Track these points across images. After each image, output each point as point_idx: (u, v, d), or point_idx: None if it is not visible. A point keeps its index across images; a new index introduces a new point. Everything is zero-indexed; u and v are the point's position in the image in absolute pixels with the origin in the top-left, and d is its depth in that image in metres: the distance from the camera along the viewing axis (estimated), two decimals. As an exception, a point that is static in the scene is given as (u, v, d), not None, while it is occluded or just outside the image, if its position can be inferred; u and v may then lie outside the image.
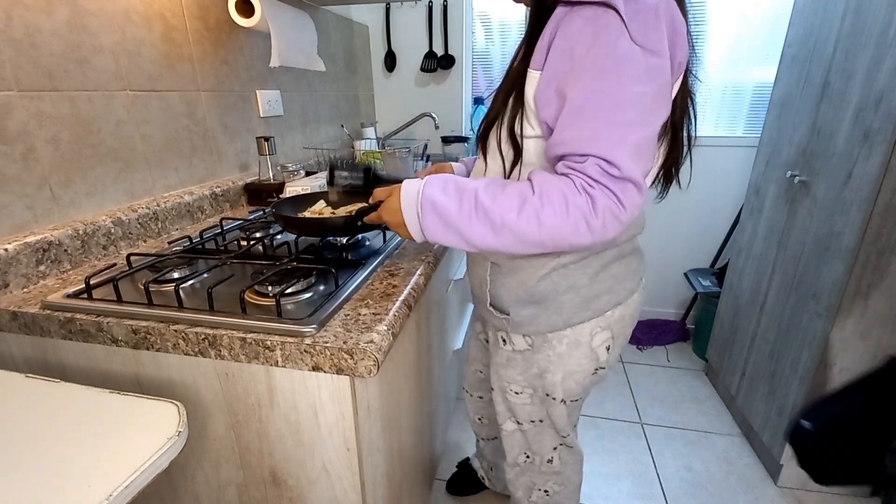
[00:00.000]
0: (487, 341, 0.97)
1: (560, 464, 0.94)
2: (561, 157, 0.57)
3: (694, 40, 0.63)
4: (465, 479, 1.38)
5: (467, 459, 1.41)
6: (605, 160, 0.53)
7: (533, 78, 0.60)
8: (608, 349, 0.78)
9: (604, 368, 0.81)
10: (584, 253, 0.71)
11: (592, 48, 0.53)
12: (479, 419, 1.20)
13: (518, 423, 0.90)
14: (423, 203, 0.61)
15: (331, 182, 0.92)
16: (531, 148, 0.64)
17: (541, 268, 0.72)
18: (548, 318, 0.74)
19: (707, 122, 2.04)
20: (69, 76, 0.83)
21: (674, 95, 0.63)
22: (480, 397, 1.16)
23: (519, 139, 0.63)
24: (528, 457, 0.94)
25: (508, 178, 0.66)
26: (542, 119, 0.60)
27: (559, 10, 0.56)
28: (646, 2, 0.53)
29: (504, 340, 0.83)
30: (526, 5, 0.67)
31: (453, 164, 0.95)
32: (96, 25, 0.87)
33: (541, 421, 0.88)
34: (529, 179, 0.58)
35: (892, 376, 0.93)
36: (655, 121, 0.56)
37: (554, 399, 0.83)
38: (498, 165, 0.67)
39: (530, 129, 0.63)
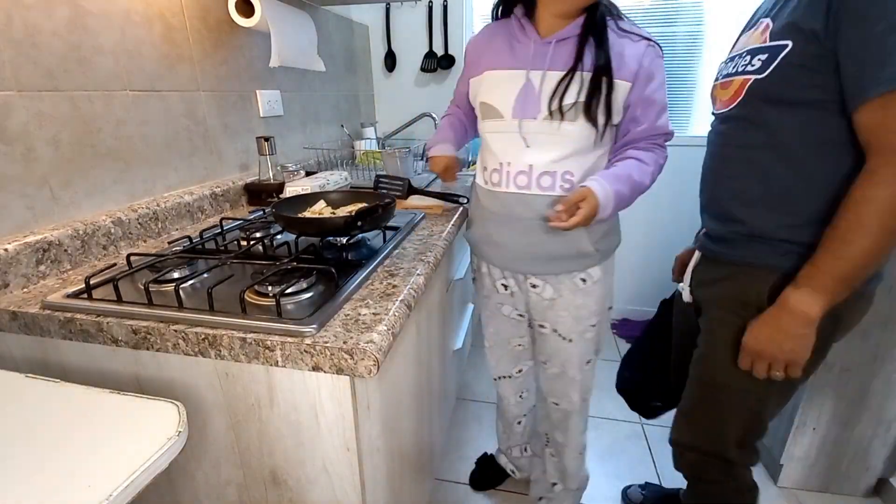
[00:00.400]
0: (540, 323, 1.07)
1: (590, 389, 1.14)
2: (643, 137, 0.91)
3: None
4: (487, 472, 1.46)
5: (485, 455, 1.50)
6: (671, 134, 0.94)
7: (623, 86, 0.86)
8: None
9: None
10: None
11: (660, 72, 0.89)
12: (521, 395, 1.28)
13: (588, 363, 1.08)
14: (615, 197, 0.86)
15: (376, 188, 1.17)
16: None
17: None
18: (616, 238, 1.04)
19: (707, 122, 2.03)
20: (69, 76, 0.83)
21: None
22: (520, 371, 1.24)
23: (612, 111, 0.87)
24: (585, 400, 1.13)
25: (603, 135, 0.88)
26: (631, 115, 0.89)
27: (641, 44, 0.86)
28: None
29: (584, 279, 1.00)
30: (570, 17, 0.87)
31: (443, 149, 1.07)
32: (96, 25, 0.87)
33: (599, 351, 1.09)
34: (638, 159, 0.90)
35: (663, 318, 1.12)
36: None
37: (610, 308, 1.09)
38: (595, 128, 0.87)
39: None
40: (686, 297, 0.95)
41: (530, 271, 1.00)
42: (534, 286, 1.02)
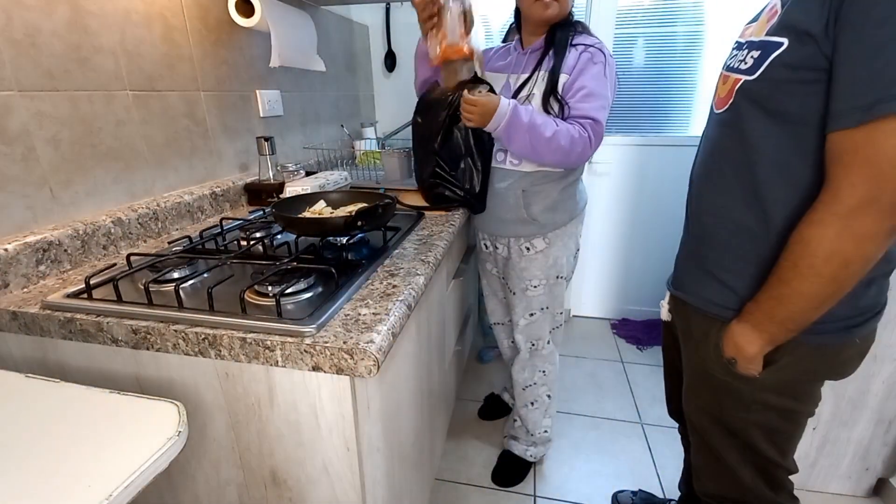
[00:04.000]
0: (503, 277, 1.34)
1: (552, 344, 1.34)
2: (570, 117, 1.04)
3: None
4: (493, 407, 1.73)
5: (492, 394, 1.77)
6: (594, 120, 1.03)
7: (563, 77, 1.05)
8: (579, 236, 1.28)
9: (578, 250, 1.30)
10: (574, 177, 1.18)
11: (593, 68, 1.06)
12: (512, 342, 1.49)
13: (531, 315, 1.28)
14: (511, 116, 1.00)
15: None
16: None
17: (557, 186, 1.15)
18: (560, 217, 1.18)
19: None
20: (69, 76, 0.83)
21: None
22: (510, 320, 1.44)
23: (562, 102, 1.07)
24: (532, 345, 1.33)
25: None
26: (564, 97, 1.06)
27: (580, 49, 1.07)
28: None
29: (528, 248, 1.21)
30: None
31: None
32: (96, 25, 0.87)
33: (547, 308, 1.27)
34: (555, 120, 1.03)
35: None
36: None
37: (559, 278, 1.25)
38: (549, 115, 1.07)
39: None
40: (664, 315, 0.92)
41: (494, 232, 1.26)
42: (496, 247, 1.29)
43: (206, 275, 0.78)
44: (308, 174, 1.36)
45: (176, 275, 0.76)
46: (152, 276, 0.73)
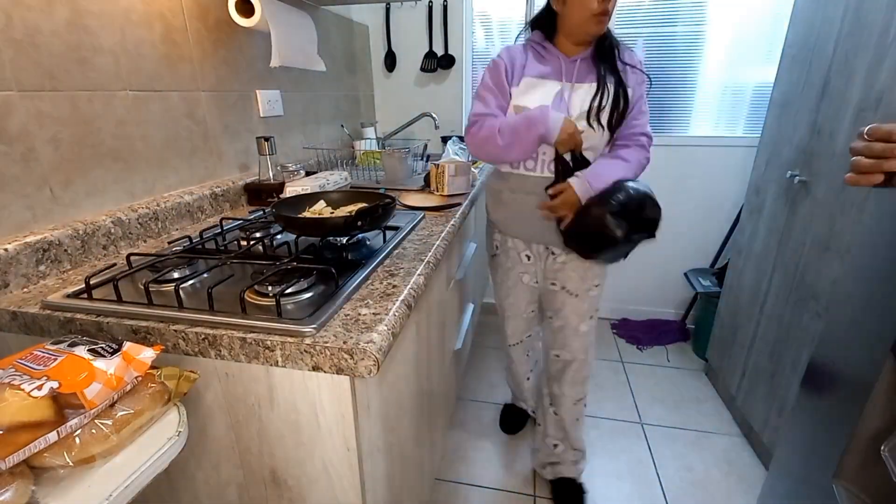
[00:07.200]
0: (553, 283, 1.24)
1: (594, 351, 1.29)
2: (629, 136, 1.11)
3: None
4: (513, 418, 1.68)
5: (506, 405, 1.74)
6: (651, 137, 1.14)
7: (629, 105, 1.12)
8: None
9: None
10: None
11: (645, 93, 1.15)
12: (527, 354, 1.50)
13: (591, 318, 1.24)
14: (594, 191, 1.05)
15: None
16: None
17: None
18: None
19: (707, 122, 2.03)
20: (69, 76, 0.83)
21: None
22: (529, 336, 1.45)
23: (623, 123, 1.11)
24: (586, 353, 1.26)
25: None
26: (627, 122, 1.11)
27: (640, 76, 1.11)
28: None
29: None
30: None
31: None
32: (96, 25, 0.87)
33: (597, 310, 1.25)
34: (623, 159, 1.10)
35: None
36: None
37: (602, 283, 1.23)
38: (610, 133, 1.10)
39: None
40: None
41: (551, 241, 1.17)
42: (553, 253, 1.21)
43: (206, 275, 0.78)
44: (308, 174, 1.37)
45: (176, 275, 0.76)
46: (152, 276, 0.73)
